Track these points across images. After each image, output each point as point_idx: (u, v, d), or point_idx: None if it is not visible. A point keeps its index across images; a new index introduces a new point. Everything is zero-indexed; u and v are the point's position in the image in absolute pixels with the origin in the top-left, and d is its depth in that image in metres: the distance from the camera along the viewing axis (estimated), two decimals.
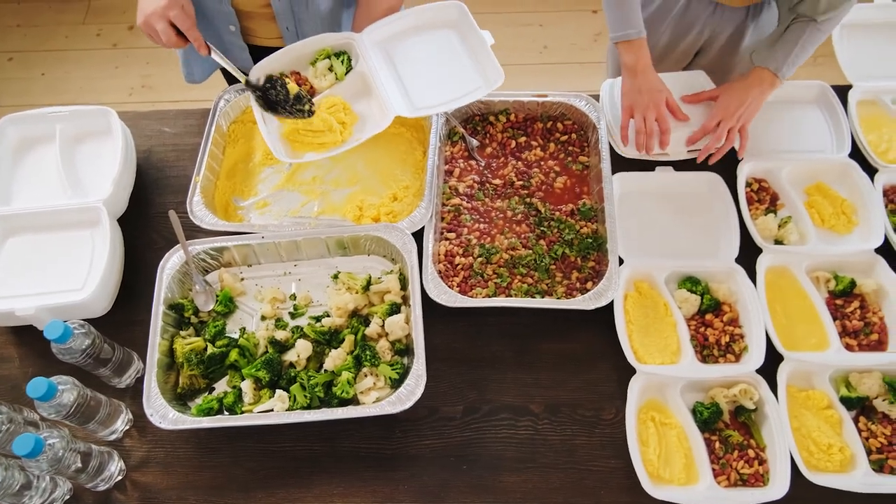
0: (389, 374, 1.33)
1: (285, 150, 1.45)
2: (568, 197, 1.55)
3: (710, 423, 1.29)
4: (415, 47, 1.54)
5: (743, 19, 1.68)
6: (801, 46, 1.47)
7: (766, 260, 1.44)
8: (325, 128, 1.45)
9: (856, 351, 1.37)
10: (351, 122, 1.50)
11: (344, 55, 1.52)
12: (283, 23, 1.57)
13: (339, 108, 1.48)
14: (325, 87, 1.50)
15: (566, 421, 1.35)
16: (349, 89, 1.49)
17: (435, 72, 1.51)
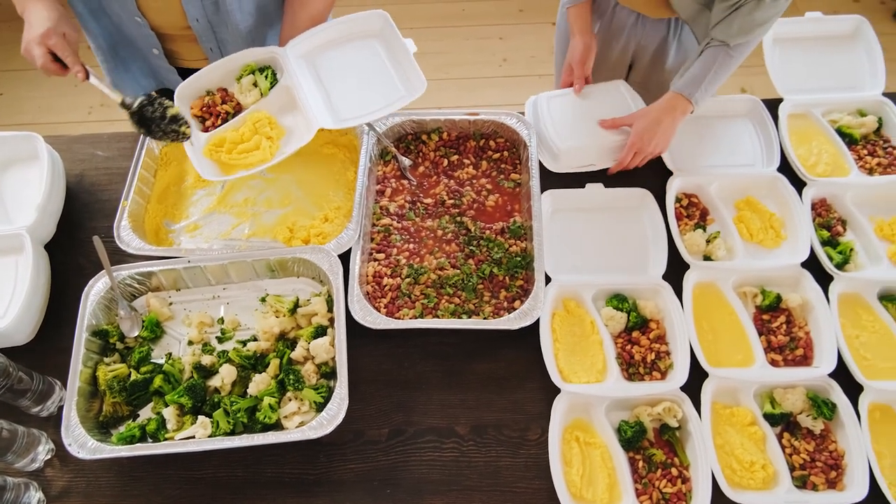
0: (314, 398, 1.32)
1: (213, 170, 1.44)
2: (499, 215, 1.55)
3: (634, 441, 1.29)
4: (339, 58, 1.53)
5: (665, 34, 1.69)
6: (714, 73, 1.47)
7: (693, 276, 1.44)
8: (253, 145, 1.45)
9: (781, 366, 1.37)
10: (277, 136, 1.48)
11: (268, 70, 1.52)
12: (206, 44, 1.56)
13: (265, 122, 1.48)
14: (251, 102, 1.49)
15: (491, 442, 1.34)
16: (274, 104, 1.49)
17: (359, 82, 1.51)
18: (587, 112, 1.63)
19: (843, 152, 1.58)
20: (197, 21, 1.51)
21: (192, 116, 1.47)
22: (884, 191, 1.55)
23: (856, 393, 1.32)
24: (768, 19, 1.40)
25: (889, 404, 1.33)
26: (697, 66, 1.48)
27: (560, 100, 1.66)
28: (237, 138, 1.44)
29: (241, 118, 1.46)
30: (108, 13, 1.52)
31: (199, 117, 1.48)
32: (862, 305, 1.43)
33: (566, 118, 1.62)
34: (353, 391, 1.36)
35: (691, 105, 1.49)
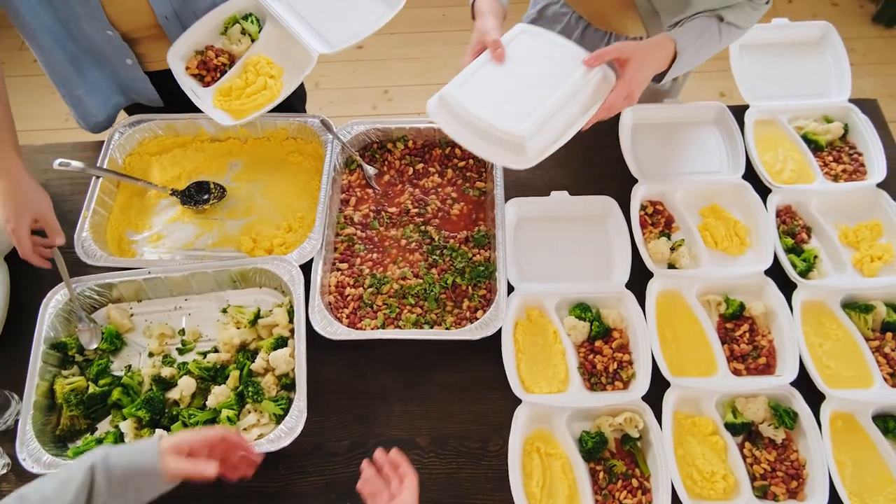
0: (273, 410, 1.31)
1: (227, 117, 1.51)
2: (464, 224, 1.54)
3: (595, 452, 1.28)
4: None
5: None
6: (704, 41, 1.34)
7: (656, 284, 1.43)
8: (259, 86, 1.51)
9: (743, 375, 1.36)
10: (279, 74, 1.56)
11: (251, 16, 1.58)
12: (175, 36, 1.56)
13: (264, 64, 1.54)
14: (243, 50, 1.56)
15: (452, 453, 1.33)
16: (266, 45, 1.56)
17: (340, 9, 1.57)
18: (521, 79, 1.26)
19: (809, 159, 1.58)
20: (166, 18, 1.52)
21: (190, 75, 1.53)
22: (849, 197, 1.54)
23: (818, 402, 1.32)
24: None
25: (851, 413, 1.32)
26: (691, 27, 1.33)
27: (477, 82, 1.26)
28: (242, 84, 1.52)
29: (239, 65, 1.54)
30: (76, 37, 1.51)
31: (196, 75, 1.54)
32: (825, 313, 1.42)
33: (500, 98, 1.24)
34: (314, 403, 1.35)
35: (675, 56, 1.31)
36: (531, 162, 1.24)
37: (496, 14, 1.38)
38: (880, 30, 3.27)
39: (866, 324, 1.39)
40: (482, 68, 1.27)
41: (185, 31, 1.53)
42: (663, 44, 1.31)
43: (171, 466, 1.00)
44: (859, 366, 1.36)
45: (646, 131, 1.66)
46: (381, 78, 3.15)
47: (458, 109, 1.23)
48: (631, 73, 1.27)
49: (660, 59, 1.31)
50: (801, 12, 3.31)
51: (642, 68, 1.28)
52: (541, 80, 1.26)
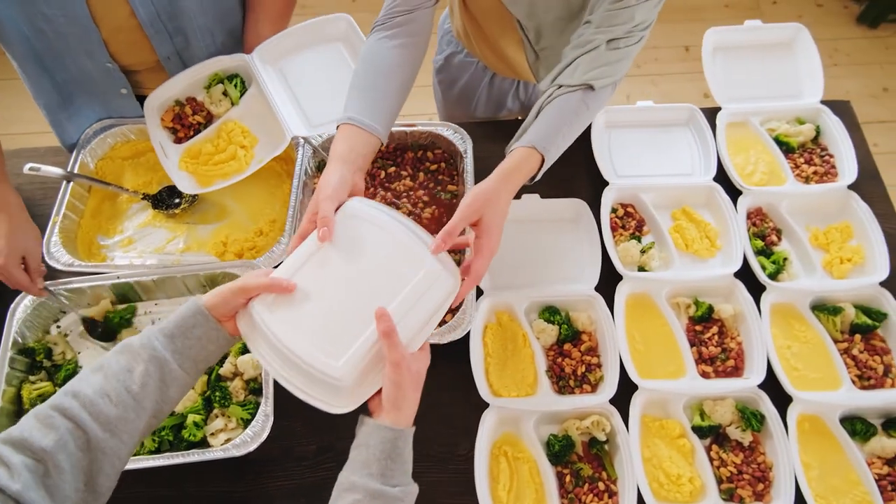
0: (241, 415, 1.31)
1: (190, 182, 1.46)
2: (435, 227, 1.53)
3: (562, 456, 1.28)
4: (306, 63, 1.53)
5: None
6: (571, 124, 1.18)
7: (626, 287, 1.43)
8: (228, 155, 1.46)
9: (712, 378, 1.36)
10: (251, 144, 1.50)
11: (237, 78, 1.52)
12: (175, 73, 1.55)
13: (238, 132, 1.49)
14: (222, 112, 1.51)
15: (419, 457, 1.30)
16: (246, 112, 1.50)
17: (328, 87, 1.51)
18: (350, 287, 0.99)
19: (780, 161, 1.58)
20: (168, 59, 1.50)
21: (164, 128, 1.48)
22: (819, 199, 1.54)
23: (786, 404, 1.32)
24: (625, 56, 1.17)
25: (819, 415, 1.32)
26: (549, 115, 1.17)
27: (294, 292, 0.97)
28: (212, 149, 1.45)
29: (213, 128, 1.48)
30: (68, 67, 1.49)
31: (170, 128, 1.49)
32: (794, 316, 1.42)
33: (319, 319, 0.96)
34: (283, 407, 1.34)
35: (542, 160, 1.15)
36: (351, 406, 0.99)
37: (353, 159, 1.11)
38: (864, 30, 3.27)
39: (835, 326, 1.39)
40: (303, 267, 0.99)
41: (167, 80, 1.49)
42: (519, 165, 1.13)
43: None
44: (827, 368, 1.36)
45: (618, 133, 1.66)
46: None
47: (266, 332, 0.95)
48: (490, 230, 1.08)
49: (517, 183, 1.13)
50: (786, 13, 3.32)
51: (496, 215, 1.09)
52: (377, 281, 0.98)
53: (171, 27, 1.41)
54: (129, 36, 1.40)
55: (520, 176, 1.14)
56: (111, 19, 1.36)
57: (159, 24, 1.39)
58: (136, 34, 1.39)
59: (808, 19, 3.30)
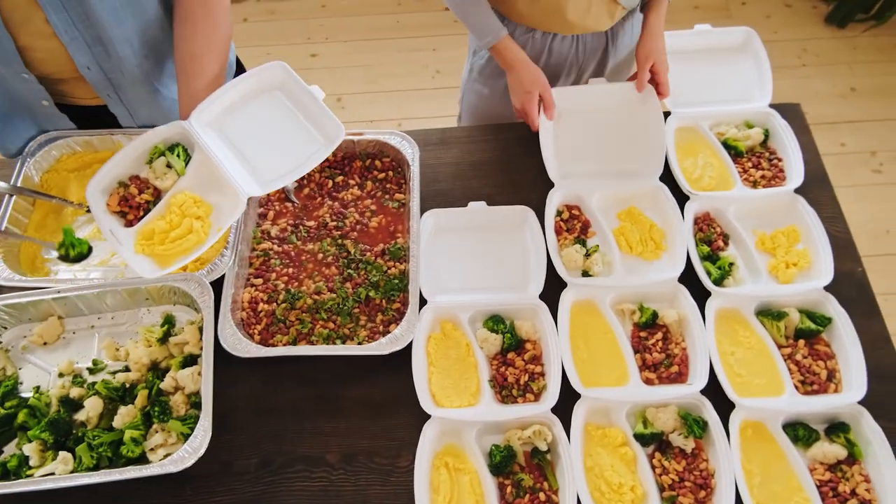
0: (180, 430, 1.30)
1: (150, 266, 1.33)
2: (382, 236, 1.53)
3: (503, 466, 1.27)
4: (247, 119, 1.43)
5: (604, 45, 1.69)
6: None
7: (570, 294, 1.43)
8: (185, 230, 1.35)
9: (656, 385, 1.35)
10: (206, 213, 1.38)
11: (178, 147, 1.41)
12: (102, 91, 1.51)
13: (190, 203, 1.37)
14: (169, 185, 1.38)
15: (362, 470, 1.32)
16: (194, 181, 1.38)
17: (275, 140, 1.41)
18: None
19: (729, 165, 1.58)
20: (88, 69, 1.46)
21: (111, 213, 1.36)
22: (766, 203, 1.54)
23: (730, 410, 1.31)
24: None
25: (761, 421, 1.32)
26: None
27: None
28: (166, 227, 1.35)
29: (163, 205, 1.36)
30: None
31: (118, 213, 1.37)
32: (739, 321, 1.42)
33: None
34: (224, 420, 1.34)
35: None
36: None
37: (525, 60, 1.60)
38: (833, 30, 3.28)
39: (779, 331, 1.39)
40: None
41: (107, 163, 1.37)
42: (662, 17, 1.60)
43: None
44: (771, 374, 1.36)
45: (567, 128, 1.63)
46: (334, 85, 3.14)
47: None
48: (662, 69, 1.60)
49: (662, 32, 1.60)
50: (755, 14, 3.32)
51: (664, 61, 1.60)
52: None
53: (88, 36, 1.38)
54: (47, 44, 1.37)
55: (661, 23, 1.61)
56: (27, 26, 1.34)
57: (75, 32, 1.36)
58: (53, 42, 1.37)
59: (777, 20, 3.31)
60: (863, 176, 2.87)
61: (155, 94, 1.57)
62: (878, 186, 2.85)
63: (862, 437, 1.30)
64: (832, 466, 1.29)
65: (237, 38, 1.68)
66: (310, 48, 3.25)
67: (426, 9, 3.37)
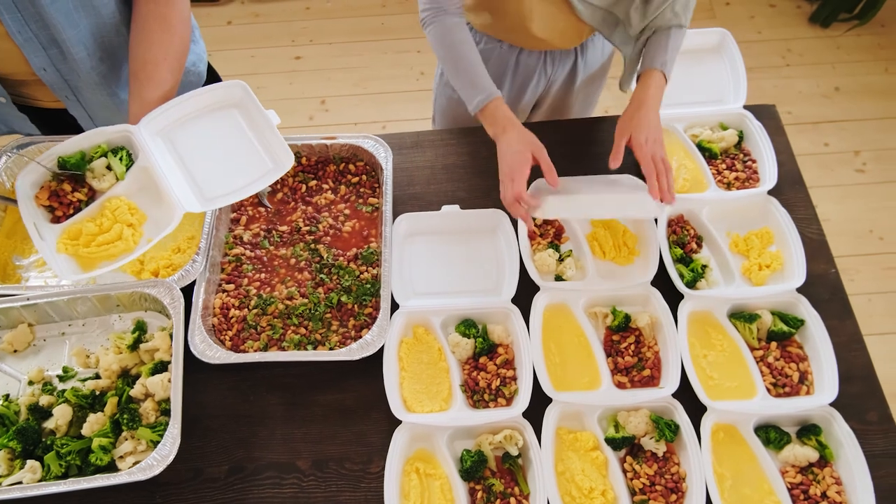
0: (150, 437, 1.29)
1: (71, 266, 1.30)
2: (355, 241, 1.52)
3: (474, 471, 1.26)
4: (198, 133, 1.40)
5: (573, 59, 1.68)
6: (674, 47, 1.45)
7: (542, 298, 1.42)
8: (114, 235, 1.31)
9: (628, 388, 1.35)
10: (139, 222, 1.35)
11: (122, 151, 1.38)
12: (60, 92, 1.50)
13: (125, 209, 1.34)
14: (106, 187, 1.35)
15: (332, 476, 1.31)
16: (132, 187, 1.35)
17: (223, 158, 1.38)
18: None
19: (703, 167, 1.58)
20: (44, 70, 1.44)
21: (39, 206, 1.33)
22: (739, 205, 1.54)
23: (702, 414, 1.31)
24: None
25: (733, 424, 1.31)
26: (660, 45, 1.44)
27: None
28: (95, 230, 1.31)
29: (96, 206, 1.33)
30: None
31: (46, 207, 1.34)
32: (712, 324, 1.41)
33: None
34: (195, 427, 1.33)
35: (666, 80, 1.44)
36: None
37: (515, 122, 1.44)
38: (817, 30, 3.28)
39: (751, 333, 1.39)
40: None
41: (45, 153, 1.35)
42: (657, 85, 1.42)
43: None
44: (743, 376, 1.36)
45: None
46: (318, 88, 3.13)
47: None
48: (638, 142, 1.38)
49: (652, 109, 1.41)
50: (739, 14, 3.32)
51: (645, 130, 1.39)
52: None
53: (42, 38, 1.37)
54: (1, 44, 1.36)
55: (656, 100, 1.43)
56: None
57: (28, 33, 1.34)
58: (7, 43, 1.36)
59: (762, 20, 3.31)
60: (846, 176, 2.88)
61: (112, 98, 1.55)
62: (862, 186, 2.85)
63: (833, 440, 1.29)
64: (803, 469, 1.28)
65: (221, 42, 1.67)
66: (294, 51, 3.24)
67: (410, 11, 3.36)
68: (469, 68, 1.43)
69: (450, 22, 1.42)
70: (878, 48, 3.22)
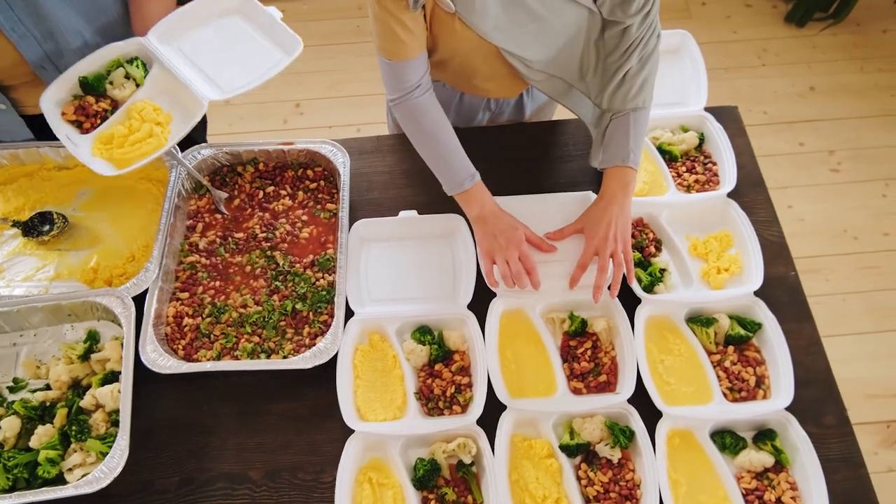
0: (99, 449, 1.27)
1: (107, 166, 1.37)
2: (313, 247, 1.51)
3: (427, 480, 1.25)
4: (206, 37, 1.48)
5: (519, 98, 1.67)
6: (638, 133, 1.38)
7: (499, 304, 1.41)
8: (145, 133, 1.39)
9: (584, 394, 1.34)
10: (166, 121, 1.44)
11: (136, 60, 1.46)
12: None
13: (150, 110, 1.42)
14: (127, 95, 1.43)
15: (285, 486, 1.30)
16: (153, 90, 1.43)
17: (233, 56, 1.46)
18: None
19: (663, 170, 1.57)
20: (43, 68, 1.44)
21: (67, 122, 1.40)
22: (699, 208, 1.53)
23: (658, 419, 1.30)
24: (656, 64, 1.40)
25: (689, 430, 1.30)
26: (621, 135, 1.38)
27: None
28: (125, 131, 1.39)
29: (122, 112, 1.40)
30: None
31: (74, 122, 1.40)
32: (669, 328, 1.40)
33: None
34: (146, 439, 1.32)
35: (632, 170, 1.38)
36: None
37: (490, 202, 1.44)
38: (792, 29, 3.28)
39: (709, 338, 1.38)
40: None
41: (61, 75, 1.39)
42: (611, 190, 1.39)
43: None
44: (699, 381, 1.35)
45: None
46: (293, 92, 3.11)
47: None
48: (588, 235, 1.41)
49: (614, 207, 1.38)
50: (715, 14, 3.32)
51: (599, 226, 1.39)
52: None
53: (37, 32, 1.37)
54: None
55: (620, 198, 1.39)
56: None
57: (22, 29, 1.34)
58: (2, 41, 1.35)
59: (738, 20, 3.31)
60: (821, 175, 2.88)
61: None
62: (837, 186, 2.85)
63: (789, 444, 1.29)
64: (759, 474, 1.28)
65: None
66: None
67: None
68: (445, 153, 1.41)
69: (419, 103, 1.38)
70: (854, 47, 3.22)
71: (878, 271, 2.65)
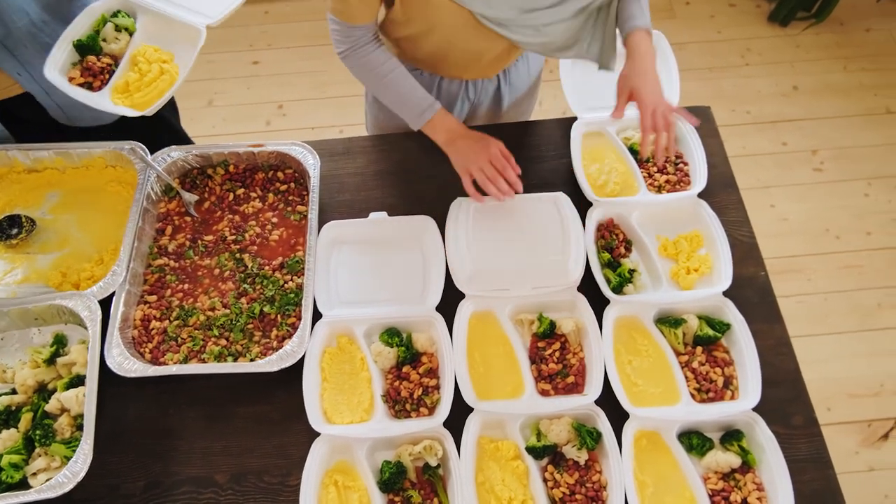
0: (64, 453, 1.26)
1: (131, 112, 1.41)
2: (283, 250, 1.50)
3: (393, 483, 1.25)
4: None
5: (496, 86, 1.66)
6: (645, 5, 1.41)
7: (467, 305, 1.40)
8: (155, 74, 1.44)
9: (552, 395, 1.33)
10: (170, 58, 1.49)
11: (120, 13, 1.50)
12: (12, 70, 1.48)
13: (152, 52, 1.47)
14: (124, 46, 1.47)
15: (251, 490, 1.29)
16: (146, 35, 1.49)
17: None
18: None
19: (634, 170, 1.56)
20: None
21: (76, 86, 1.43)
22: (670, 208, 1.52)
23: (625, 420, 1.30)
24: None
25: (657, 431, 1.30)
26: (633, 7, 1.39)
27: None
28: (138, 76, 1.44)
29: (126, 61, 1.45)
30: None
31: (83, 84, 1.43)
32: (638, 329, 1.40)
33: None
34: (112, 442, 1.31)
35: (650, 33, 1.40)
36: None
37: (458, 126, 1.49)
38: (776, 29, 3.28)
39: (677, 338, 1.38)
40: None
41: (55, 45, 1.42)
42: (644, 49, 1.37)
43: None
44: (667, 382, 1.34)
45: None
46: (276, 93, 3.11)
47: None
48: (645, 98, 1.35)
49: (651, 61, 1.37)
50: (699, 13, 3.32)
51: (651, 84, 1.36)
52: None
53: None
54: None
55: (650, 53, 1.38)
56: None
57: None
58: None
59: (722, 19, 3.31)
60: (804, 175, 2.88)
61: None
62: (819, 185, 2.85)
63: (756, 445, 1.28)
64: (726, 475, 1.27)
65: None
66: (252, 55, 3.22)
67: None
68: (400, 91, 1.45)
69: (366, 54, 1.43)
70: (837, 46, 3.23)
71: (860, 270, 2.65)
